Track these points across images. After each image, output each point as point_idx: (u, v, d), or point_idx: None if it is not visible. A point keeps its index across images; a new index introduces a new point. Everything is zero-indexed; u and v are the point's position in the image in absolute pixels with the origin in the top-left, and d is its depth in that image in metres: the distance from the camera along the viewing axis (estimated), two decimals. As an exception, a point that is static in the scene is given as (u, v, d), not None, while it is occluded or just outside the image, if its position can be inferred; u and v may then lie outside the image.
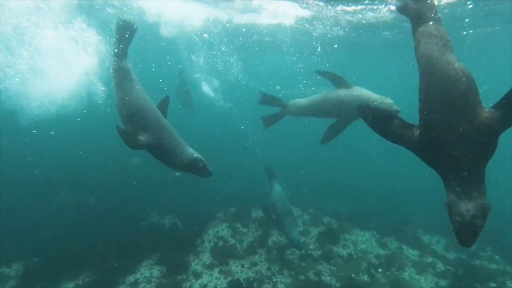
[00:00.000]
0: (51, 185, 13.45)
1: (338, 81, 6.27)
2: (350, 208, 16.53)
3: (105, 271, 8.79)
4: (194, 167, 4.45)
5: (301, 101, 7.00)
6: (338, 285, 9.05)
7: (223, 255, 9.58)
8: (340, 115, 6.42)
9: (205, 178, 4.59)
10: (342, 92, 6.25)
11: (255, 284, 8.55)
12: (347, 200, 17.19)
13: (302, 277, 9.16)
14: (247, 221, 11.97)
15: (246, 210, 12.74)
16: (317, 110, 6.68)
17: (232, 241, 10.50)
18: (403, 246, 11.44)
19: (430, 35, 3.06)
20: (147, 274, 8.89)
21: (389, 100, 5.85)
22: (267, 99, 7.24)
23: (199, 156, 4.52)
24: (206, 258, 9.53)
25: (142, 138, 4.36)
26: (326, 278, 9.25)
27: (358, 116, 5.63)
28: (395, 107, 5.69)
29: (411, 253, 11.06)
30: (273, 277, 9.00)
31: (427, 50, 3.00)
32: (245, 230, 11.40)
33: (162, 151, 4.51)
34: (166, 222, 12.04)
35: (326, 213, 13.92)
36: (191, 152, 4.56)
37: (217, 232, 11.13)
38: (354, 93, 6.11)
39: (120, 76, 4.93)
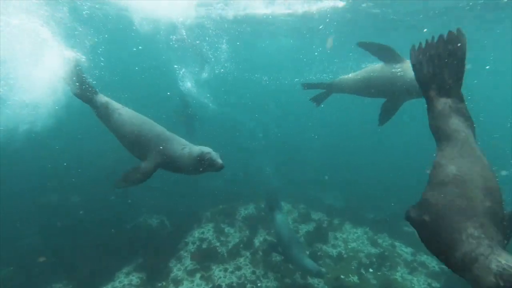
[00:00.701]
0: (33, 187, 13.08)
1: (386, 54, 5.14)
2: (346, 200, 16.18)
3: (82, 279, 8.43)
4: (204, 162, 4.17)
5: (347, 78, 6.11)
6: (325, 287, 8.67)
7: (206, 259, 9.19)
8: (390, 93, 5.34)
9: (214, 173, 4.31)
10: (392, 67, 5.13)
11: (237, 290, 8.18)
12: (343, 192, 16.83)
13: (288, 280, 8.78)
14: (234, 220, 11.56)
15: (233, 208, 12.34)
16: (363, 88, 5.68)
17: (217, 243, 10.10)
18: (396, 243, 11.02)
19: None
20: (126, 282, 8.52)
21: None
22: (310, 86, 6.80)
23: (206, 149, 4.26)
24: (189, 262, 9.14)
25: (146, 165, 4.26)
26: (314, 281, 8.85)
27: (411, 95, 4.89)
28: None
29: (404, 251, 10.64)
30: (257, 281, 8.61)
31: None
32: (231, 231, 10.99)
33: (173, 161, 4.32)
34: (153, 222, 11.65)
35: (318, 208, 13.50)
36: (198, 147, 4.33)
37: (203, 233, 10.74)
38: (405, 68, 4.95)
39: (102, 114, 4.81)
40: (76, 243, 9.75)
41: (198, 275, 8.60)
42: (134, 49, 18.45)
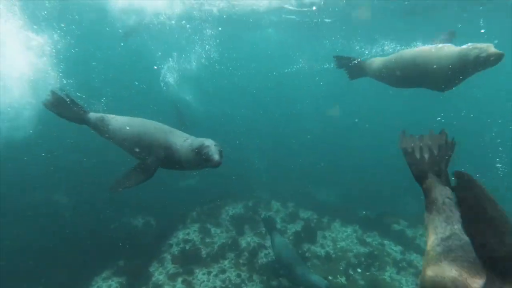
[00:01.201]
0: (19, 187, 12.64)
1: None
2: (338, 196, 16.02)
3: (58, 285, 8.07)
4: (201, 156, 3.83)
5: (378, 59, 5.57)
6: (312, 290, 8.42)
7: (189, 261, 8.87)
8: (422, 75, 4.75)
9: (214, 168, 3.89)
10: (427, 48, 4.62)
11: (221, 294, 7.90)
12: (336, 188, 16.68)
13: (274, 283, 8.51)
14: (220, 220, 11.26)
15: (221, 207, 12.05)
16: (393, 70, 5.13)
17: (201, 245, 9.79)
18: (386, 242, 10.81)
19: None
20: (104, 287, 8.18)
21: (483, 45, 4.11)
22: (341, 59, 6.14)
23: (207, 141, 3.89)
24: (171, 266, 8.82)
25: (151, 159, 4.10)
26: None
27: (445, 81, 4.42)
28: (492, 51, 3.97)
29: (394, 250, 10.44)
30: (242, 284, 8.34)
31: None
32: (218, 231, 10.68)
33: (175, 154, 4.07)
34: (138, 223, 11.29)
35: (308, 206, 13.23)
36: (200, 140, 3.99)
37: (188, 234, 10.41)
38: (442, 48, 4.49)
39: (98, 126, 4.70)
40: (57, 246, 9.37)
41: (180, 280, 8.28)
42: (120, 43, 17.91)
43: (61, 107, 4.64)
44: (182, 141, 4.03)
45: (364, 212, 13.54)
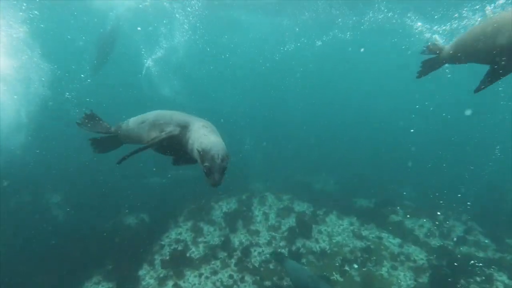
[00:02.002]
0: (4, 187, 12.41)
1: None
2: (337, 184, 15.77)
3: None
4: (201, 163, 3.13)
5: (452, 43, 4.67)
6: (307, 289, 8.20)
7: (180, 264, 8.65)
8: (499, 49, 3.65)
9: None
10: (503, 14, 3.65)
11: (212, 297, 7.70)
12: (334, 176, 16.45)
13: (268, 282, 8.31)
14: (214, 217, 11.01)
15: (215, 203, 11.82)
16: (469, 50, 4.18)
17: (193, 246, 9.56)
18: (383, 235, 10.54)
19: None
20: (94, 293, 8.01)
21: None
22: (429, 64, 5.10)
23: (213, 150, 3.07)
24: (162, 269, 8.60)
25: (166, 132, 3.63)
26: (295, 282, 8.38)
27: None
28: None
29: (392, 243, 10.18)
30: (234, 286, 8.13)
31: None
32: (211, 229, 10.44)
33: (186, 137, 3.52)
34: (131, 222, 11.07)
35: (304, 197, 12.94)
36: (210, 141, 3.24)
37: (180, 233, 10.19)
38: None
39: (120, 132, 4.48)
40: (47, 249, 9.18)
41: (170, 283, 8.08)
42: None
43: (93, 124, 4.60)
44: (200, 125, 3.51)
45: (363, 202, 13.28)
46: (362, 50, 22.56)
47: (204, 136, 3.27)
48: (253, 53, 27.92)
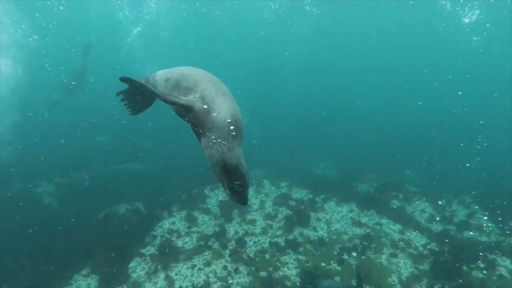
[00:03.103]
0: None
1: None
2: (338, 169, 15.48)
3: (39, 283, 7.65)
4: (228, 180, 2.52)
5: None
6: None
7: (173, 255, 8.36)
8: None
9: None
10: None
11: (205, 290, 7.43)
12: (335, 160, 16.16)
13: (263, 273, 8.02)
14: (209, 206, 10.69)
15: (211, 191, 11.49)
16: None
17: (187, 236, 9.27)
18: (383, 221, 10.22)
19: None
20: (84, 286, 7.75)
21: None
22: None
23: (241, 168, 2.45)
24: (153, 261, 8.31)
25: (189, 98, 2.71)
26: (291, 272, 8.11)
27: None
28: None
29: (392, 229, 9.86)
30: (228, 277, 7.85)
31: None
32: (206, 218, 10.13)
33: (206, 125, 2.60)
34: (124, 212, 10.76)
35: (303, 184, 12.58)
36: (236, 156, 2.60)
37: (173, 223, 9.89)
38: None
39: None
40: (37, 241, 8.92)
41: (162, 275, 7.80)
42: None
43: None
44: (229, 115, 2.60)
45: (364, 187, 12.97)
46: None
47: (231, 143, 2.54)
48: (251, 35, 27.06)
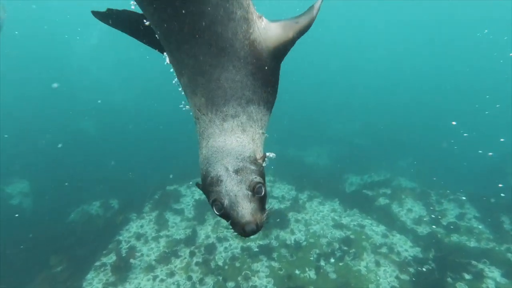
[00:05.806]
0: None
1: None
2: (330, 158, 14.83)
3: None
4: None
5: None
6: (274, 289, 7.36)
7: (133, 265, 7.77)
8: None
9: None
10: None
11: (165, 305, 6.86)
12: (328, 148, 15.49)
13: (231, 283, 7.44)
14: (183, 206, 10.05)
15: (188, 188, 10.82)
16: None
17: (153, 241, 8.65)
18: (366, 222, 9.54)
19: None
20: (36, 300, 7.21)
21: None
22: None
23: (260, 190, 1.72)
24: (113, 271, 7.72)
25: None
26: (262, 282, 7.52)
27: None
28: None
29: (375, 231, 9.20)
30: (192, 289, 7.28)
31: None
32: (177, 220, 9.51)
33: None
34: (94, 212, 10.19)
35: (289, 179, 11.83)
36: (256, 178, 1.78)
37: (141, 226, 9.27)
38: None
39: None
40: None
41: (119, 289, 7.23)
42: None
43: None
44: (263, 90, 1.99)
45: (352, 179, 12.33)
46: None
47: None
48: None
